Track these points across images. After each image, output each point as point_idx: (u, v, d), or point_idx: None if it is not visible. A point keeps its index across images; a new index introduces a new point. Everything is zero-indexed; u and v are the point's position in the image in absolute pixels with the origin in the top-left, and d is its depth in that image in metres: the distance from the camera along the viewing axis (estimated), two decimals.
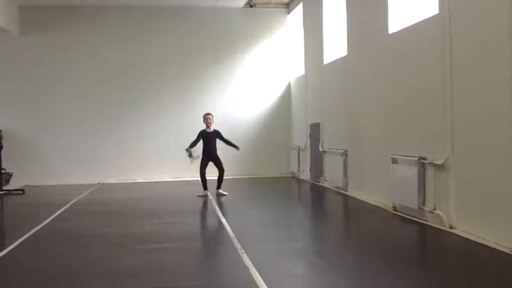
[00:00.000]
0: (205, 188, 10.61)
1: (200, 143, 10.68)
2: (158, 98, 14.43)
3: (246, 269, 5.03)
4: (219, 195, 10.54)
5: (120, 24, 14.36)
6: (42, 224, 7.77)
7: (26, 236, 6.90)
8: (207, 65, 14.62)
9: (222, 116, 14.44)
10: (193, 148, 10.56)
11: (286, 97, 14.92)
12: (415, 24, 7.69)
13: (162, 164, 14.17)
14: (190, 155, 10.50)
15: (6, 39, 13.73)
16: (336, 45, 11.29)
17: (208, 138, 10.68)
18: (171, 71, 14.49)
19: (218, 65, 14.69)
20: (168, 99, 14.47)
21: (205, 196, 10.45)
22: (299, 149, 13.69)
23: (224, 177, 10.82)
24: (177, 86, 14.50)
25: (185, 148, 10.54)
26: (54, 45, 14.13)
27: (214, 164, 10.69)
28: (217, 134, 10.79)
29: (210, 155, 10.64)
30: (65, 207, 9.55)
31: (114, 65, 14.30)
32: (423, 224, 7.15)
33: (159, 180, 14.01)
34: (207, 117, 10.82)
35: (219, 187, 10.72)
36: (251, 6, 14.53)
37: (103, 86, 14.25)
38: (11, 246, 6.32)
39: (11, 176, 13.29)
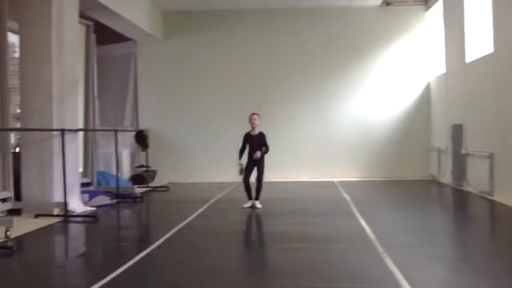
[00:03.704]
0: (250, 197, 9.45)
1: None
2: (290, 99, 14.54)
3: (391, 274, 4.90)
4: (252, 207, 9.33)
5: (256, 26, 14.70)
6: (187, 221, 8.09)
7: (171, 232, 7.19)
8: (340, 65, 14.50)
9: (355, 117, 14.44)
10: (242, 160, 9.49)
11: (425, 97, 14.40)
12: None
13: (298, 164, 14.25)
14: (241, 171, 9.41)
15: (151, 43, 14.58)
16: (480, 41, 10.72)
17: (253, 142, 9.54)
18: (303, 72, 14.55)
19: (352, 66, 14.52)
20: (299, 99, 14.57)
21: (251, 207, 9.37)
22: (439, 151, 13.16)
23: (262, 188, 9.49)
24: (308, 87, 14.54)
25: (238, 163, 9.46)
26: (195, 48, 14.75)
27: (256, 169, 9.49)
28: (261, 138, 9.55)
29: (254, 160, 9.47)
30: (207, 204, 9.91)
31: (250, 66, 14.64)
32: None
33: (295, 180, 14.11)
34: (252, 118, 9.61)
35: (256, 197, 9.43)
36: (388, 4, 14.21)
37: (243, 86, 14.61)
38: (159, 242, 6.63)
39: (155, 173, 14.05)
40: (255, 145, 9.47)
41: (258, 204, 9.35)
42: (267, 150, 9.52)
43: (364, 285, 4.74)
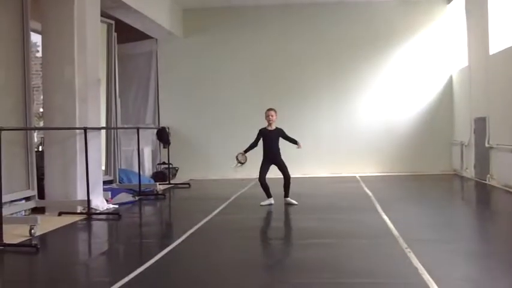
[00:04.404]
0: (268, 195, 9.23)
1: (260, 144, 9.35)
2: (312, 95, 14.50)
3: (415, 269, 4.85)
4: (288, 204, 9.10)
5: (275, 22, 14.67)
6: (208, 217, 8.11)
7: (193, 229, 7.21)
8: (360, 59, 14.40)
9: (376, 111, 14.39)
10: (246, 155, 9.27)
11: (448, 91, 14.24)
12: None
13: (318, 159, 14.20)
14: (237, 163, 9.19)
15: (171, 40, 14.65)
16: (504, 33, 10.56)
17: (270, 137, 9.22)
18: (323, 66, 14.50)
19: (373, 59, 14.40)
20: (319, 94, 14.53)
21: (270, 205, 9.13)
22: (462, 144, 13.02)
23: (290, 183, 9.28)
24: (328, 82, 14.48)
25: (239, 152, 9.29)
26: (215, 45, 14.77)
27: (278, 169, 9.20)
28: (279, 133, 9.26)
29: (270, 157, 9.18)
30: (229, 201, 9.94)
31: (269, 62, 14.62)
32: None
33: (316, 175, 14.07)
34: (268, 114, 9.26)
35: (286, 195, 9.24)
36: None
37: (263, 83, 14.59)
38: (181, 238, 6.64)
39: (177, 170, 14.15)
40: (272, 141, 9.20)
41: (293, 201, 9.13)
42: (295, 140, 9.30)
43: (388, 281, 4.70)
